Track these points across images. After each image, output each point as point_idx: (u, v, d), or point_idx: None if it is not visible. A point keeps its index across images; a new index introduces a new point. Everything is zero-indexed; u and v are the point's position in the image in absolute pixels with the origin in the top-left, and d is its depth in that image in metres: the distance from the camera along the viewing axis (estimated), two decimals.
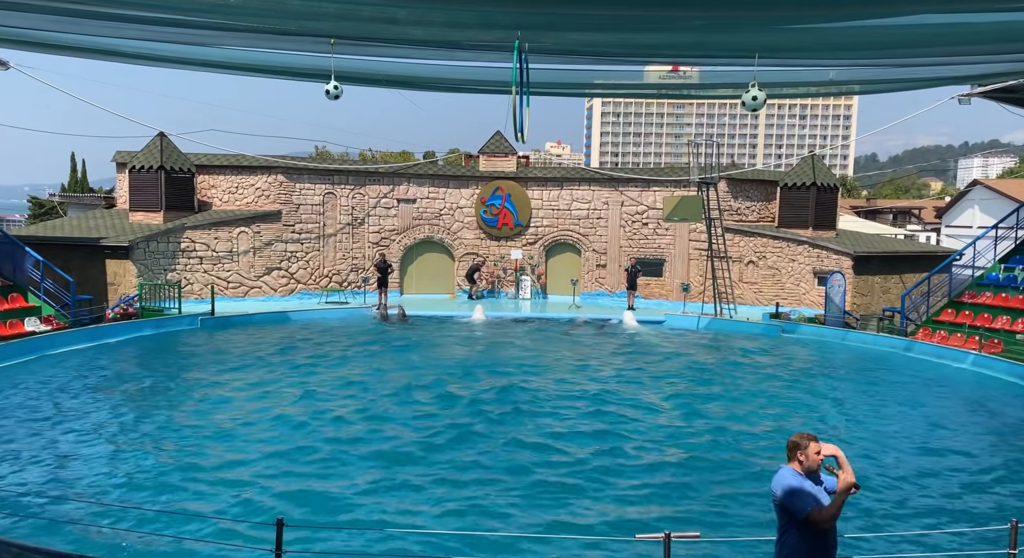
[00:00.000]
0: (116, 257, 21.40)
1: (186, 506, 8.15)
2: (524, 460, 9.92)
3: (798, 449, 4.79)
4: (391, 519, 7.90)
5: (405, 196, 25.93)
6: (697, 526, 7.52)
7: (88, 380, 13.86)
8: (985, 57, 11.95)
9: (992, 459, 10.63)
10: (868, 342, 19.80)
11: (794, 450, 4.80)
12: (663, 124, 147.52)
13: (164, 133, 23.34)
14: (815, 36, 10.15)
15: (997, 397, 14.59)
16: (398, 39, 11.04)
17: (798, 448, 4.79)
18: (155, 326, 19.06)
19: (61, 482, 8.78)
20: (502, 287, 26.45)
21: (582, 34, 10.55)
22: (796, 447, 4.79)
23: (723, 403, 13.35)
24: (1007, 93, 18.31)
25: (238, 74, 15.59)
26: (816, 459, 4.75)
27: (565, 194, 26.49)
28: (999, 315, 18.88)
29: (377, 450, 10.18)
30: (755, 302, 24.99)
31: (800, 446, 4.78)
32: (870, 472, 9.84)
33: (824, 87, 16.53)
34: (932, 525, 8.14)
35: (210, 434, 10.73)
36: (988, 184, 44.29)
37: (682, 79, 14.47)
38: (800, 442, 4.79)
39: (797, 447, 4.79)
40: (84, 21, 10.57)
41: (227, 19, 10.17)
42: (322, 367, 15.40)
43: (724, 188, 25.59)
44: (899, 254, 25.22)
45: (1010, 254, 21.21)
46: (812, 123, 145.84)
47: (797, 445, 4.79)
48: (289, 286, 24.45)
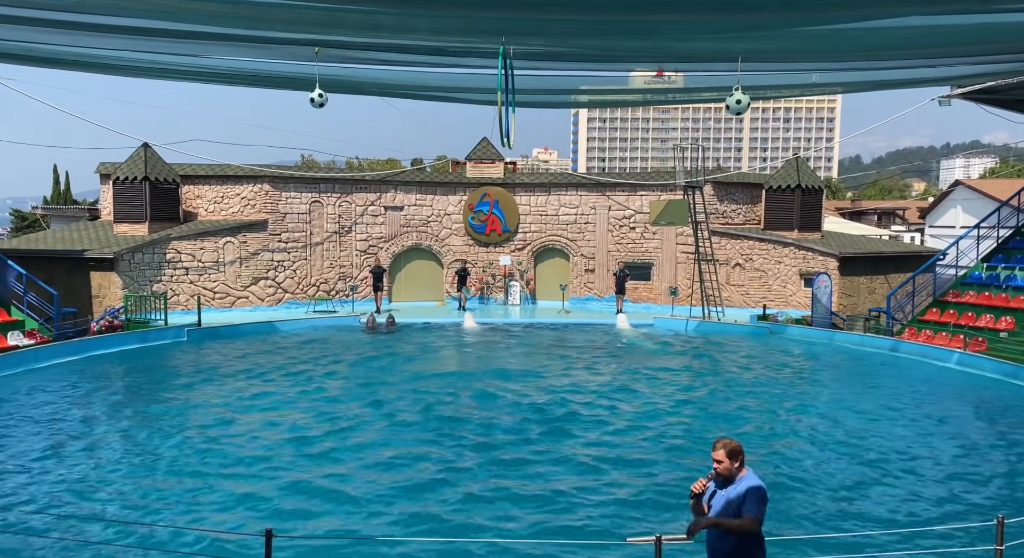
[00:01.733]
0: (101, 269, 21.22)
1: (173, 518, 8.06)
2: (510, 462, 9.91)
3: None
4: (371, 528, 7.87)
5: (392, 204, 25.89)
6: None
7: (71, 393, 13.70)
8: (964, 58, 12.11)
9: (977, 455, 10.71)
10: (855, 342, 19.94)
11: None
12: (649, 129, 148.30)
13: (148, 144, 23.19)
14: (798, 39, 10.26)
15: (981, 394, 14.72)
16: (383, 46, 11.05)
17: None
18: (141, 338, 18.89)
19: (42, 496, 8.66)
20: (491, 293, 26.43)
21: (566, 39, 10.61)
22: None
23: (717, 405, 13.38)
24: (986, 94, 18.56)
25: (223, 84, 15.56)
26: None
27: (553, 199, 26.55)
28: (983, 314, 19.08)
29: (369, 463, 10.13)
30: (742, 304, 25.11)
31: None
32: (858, 470, 9.90)
33: (808, 89, 16.70)
34: (917, 522, 8.19)
35: (196, 446, 10.63)
36: (970, 184, 44.78)
37: (667, 84, 14.57)
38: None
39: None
40: (67, 32, 10.51)
41: (212, 27, 10.15)
42: (309, 379, 15.30)
43: (710, 191, 25.74)
44: (884, 255, 25.44)
45: (992, 253, 21.45)
46: (796, 126, 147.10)
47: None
48: (276, 296, 24.33)
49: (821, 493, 9.10)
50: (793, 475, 9.73)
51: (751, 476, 4.84)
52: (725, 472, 4.84)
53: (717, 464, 4.86)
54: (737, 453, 4.84)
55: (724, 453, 4.84)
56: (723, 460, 4.83)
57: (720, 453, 4.85)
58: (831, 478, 9.64)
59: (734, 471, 4.84)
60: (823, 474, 9.79)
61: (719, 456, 4.85)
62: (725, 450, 4.84)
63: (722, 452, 4.85)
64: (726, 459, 4.83)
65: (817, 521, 8.25)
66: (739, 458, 4.84)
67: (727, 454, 4.83)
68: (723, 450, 4.85)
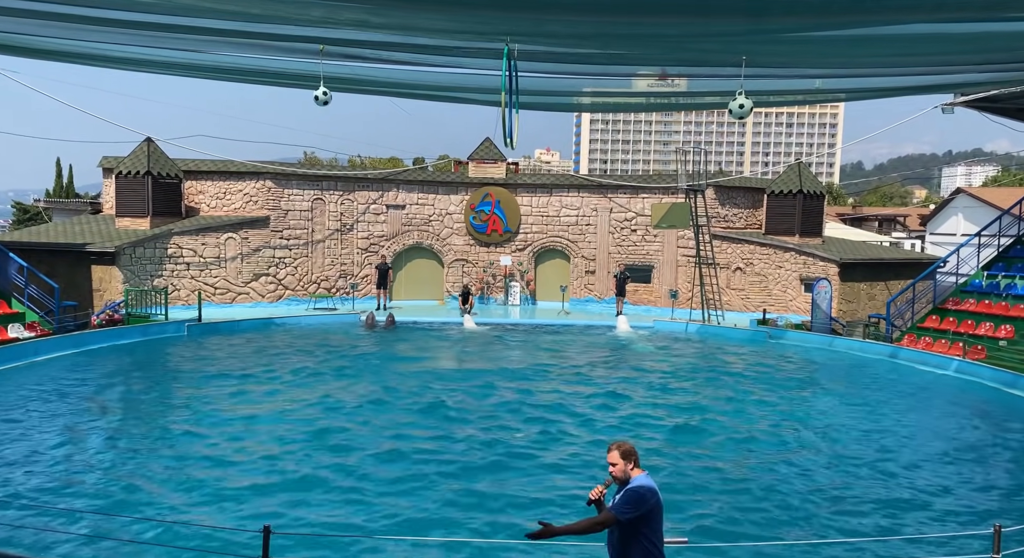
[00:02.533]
0: (102, 263, 21.24)
1: (169, 514, 8.07)
2: (509, 464, 9.92)
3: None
4: (376, 525, 7.88)
5: (394, 202, 25.91)
6: (685, 532, 7.54)
7: (70, 387, 13.72)
8: (968, 66, 12.13)
9: (974, 463, 10.72)
10: (854, 348, 19.94)
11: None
12: (651, 132, 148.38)
13: (151, 138, 23.21)
14: (801, 45, 10.28)
15: (980, 403, 14.73)
16: (388, 45, 11.07)
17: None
18: (141, 333, 18.90)
19: (42, 490, 8.67)
20: (491, 294, 26.44)
21: (570, 41, 10.62)
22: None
23: (718, 410, 13.39)
24: (989, 103, 18.57)
25: (227, 80, 15.57)
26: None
27: (554, 201, 26.57)
28: (982, 322, 19.08)
29: (365, 460, 10.14)
30: (742, 308, 25.12)
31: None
32: (853, 476, 9.91)
33: (810, 95, 16.71)
34: (913, 530, 8.20)
35: (193, 441, 10.64)
36: (971, 192, 44.81)
37: (670, 88, 14.58)
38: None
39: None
40: (72, 26, 10.52)
41: (218, 23, 10.16)
42: (308, 375, 15.32)
43: (712, 195, 25.76)
44: (884, 261, 25.46)
45: (993, 261, 21.46)
46: (799, 131, 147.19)
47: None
48: (277, 292, 24.34)
49: (815, 498, 9.10)
50: (786, 479, 9.74)
51: (641, 478, 4.75)
52: (620, 474, 4.76)
53: (612, 466, 4.77)
54: (630, 454, 4.76)
55: (618, 454, 4.75)
56: (617, 461, 4.75)
57: (614, 455, 4.77)
58: (825, 484, 9.64)
59: (628, 472, 4.76)
60: (818, 480, 9.80)
61: (613, 458, 4.77)
62: (619, 451, 4.76)
63: (616, 453, 4.76)
64: (620, 460, 4.75)
65: (810, 527, 8.26)
66: (632, 459, 4.77)
67: (621, 455, 4.75)
68: (617, 452, 4.76)
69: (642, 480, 4.73)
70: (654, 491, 4.69)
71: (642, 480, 4.73)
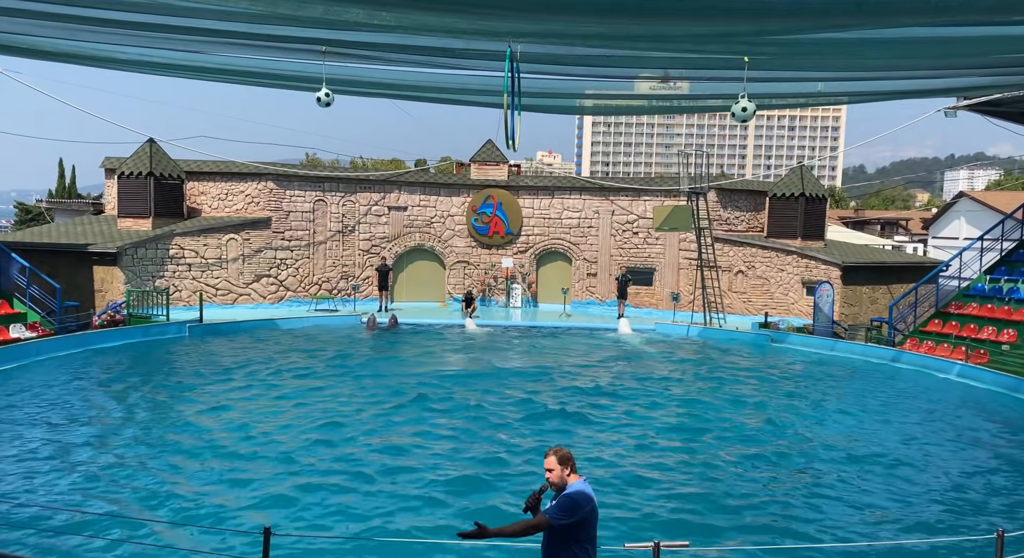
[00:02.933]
0: (104, 263, 21.25)
1: (171, 514, 8.06)
2: (510, 468, 9.89)
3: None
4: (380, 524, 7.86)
5: (396, 204, 25.92)
6: (686, 534, 7.51)
7: (70, 388, 13.71)
8: (971, 70, 12.10)
9: (977, 469, 10.68)
10: (856, 352, 19.90)
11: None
12: (653, 134, 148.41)
13: (153, 139, 23.24)
14: (804, 47, 10.25)
15: (982, 407, 14.68)
16: (390, 46, 11.06)
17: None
18: (142, 333, 18.91)
19: (44, 491, 8.67)
20: (493, 296, 26.43)
21: (573, 44, 10.61)
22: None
23: (717, 413, 13.37)
24: (992, 106, 18.55)
25: (229, 82, 15.56)
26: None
27: (556, 203, 26.56)
28: (985, 326, 19.03)
29: (366, 460, 10.13)
30: (744, 311, 25.08)
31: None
32: (853, 480, 9.87)
33: (813, 98, 16.68)
34: (917, 534, 8.17)
35: (194, 442, 10.63)
36: (974, 196, 44.76)
37: (672, 90, 14.57)
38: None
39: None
40: (75, 27, 10.53)
41: (220, 24, 10.16)
42: (309, 376, 15.31)
43: (714, 198, 25.74)
44: (887, 264, 25.41)
45: (996, 265, 21.41)
46: (801, 134, 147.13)
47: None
48: (278, 293, 24.34)
49: (818, 502, 9.08)
50: (792, 479, 9.71)
51: (577, 484, 4.73)
52: (557, 480, 4.73)
53: (548, 472, 4.74)
54: (567, 460, 4.74)
55: (555, 460, 4.73)
56: (554, 467, 4.73)
57: (551, 460, 4.74)
58: (829, 488, 9.61)
59: (565, 478, 4.74)
60: (819, 481, 9.77)
61: (550, 464, 4.74)
62: (556, 457, 4.73)
63: (552, 459, 4.74)
64: (557, 466, 4.72)
65: (816, 531, 8.23)
66: (569, 465, 4.75)
67: (558, 461, 4.72)
68: (554, 457, 4.74)
69: (578, 486, 4.71)
70: (589, 498, 4.68)
71: (578, 486, 4.71)
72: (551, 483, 4.74)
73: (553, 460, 4.73)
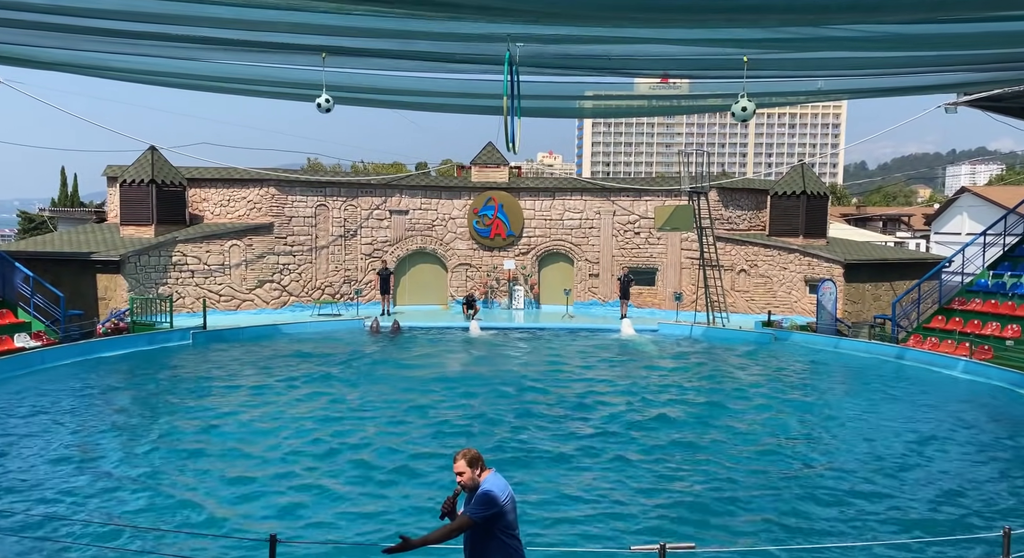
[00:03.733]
0: (107, 271, 21.30)
1: (177, 522, 8.08)
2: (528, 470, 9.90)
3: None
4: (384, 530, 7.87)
5: (397, 208, 25.95)
6: (692, 537, 7.51)
7: (75, 397, 13.74)
8: (971, 66, 12.10)
9: (983, 465, 10.67)
10: (860, 349, 19.87)
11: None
12: (654, 134, 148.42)
13: (155, 147, 23.30)
14: (803, 43, 10.25)
15: (987, 403, 14.65)
16: (390, 53, 11.09)
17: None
18: (147, 341, 18.95)
19: (47, 499, 8.69)
20: (495, 298, 26.44)
21: (572, 45, 10.62)
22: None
23: (722, 413, 13.36)
24: (992, 102, 18.54)
25: (229, 92, 15.60)
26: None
27: (557, 204, 26.57)
28: (988, 321, 18.99)
29: (375, 466, 10.14)
30: (747, 310, 25.06)
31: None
32: (860, 478, 9.86)
33: (813, 96, 16.68)
34: (922, 532, 8.16)
35: (201, 450, 10.65)
36: (976, 191, 44.63)
37: (672, 90, 14.59)
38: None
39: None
40: (75, 37, 10.57)
41: (219, 32, 10.19)
42: (314, 381, 15.32)
43: (715, 197, 25.73)
44: (889, 261, 25.38)
45: (999, 260, 21.37)
46: (801, 132, 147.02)
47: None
48: (281, 299, 24.38)
49: (823, 499, 9.07)
50: (798, 480, 9.70)
51: (490, 479, 4.77)
52: (469, 481, 4.75)
53: (459, 476, 4.76)
54: (476, 460, 4.78)
55: (464, 463, 4.75)
56: (464, 470, 4.75)
57: (460, 464, 4.76)
58: (834, 485, 9.60)
59: (477, 478, 4.77)
60: (826, 480, 9.76)
61: (459, 467, 4.77)
62: (465, 460, 4.76)
63: (462, 462, 4.76)
64: (467, 469, 4.75)
65: (821, 529, 8.22)
66: (479, 465, 4.78)
67: (467, 464, 4.75)
68: (463, 461, 4.76)
69: (491, 480, 4.76)
70: (504, 488, 4.73)
71: (491, 480, 4.76)
72: (464, 485, 4.78)
73: (463, 463, 4.76)
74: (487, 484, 4.74)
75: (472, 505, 4.69)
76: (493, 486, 4.72)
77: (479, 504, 4.66)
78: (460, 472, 4.77)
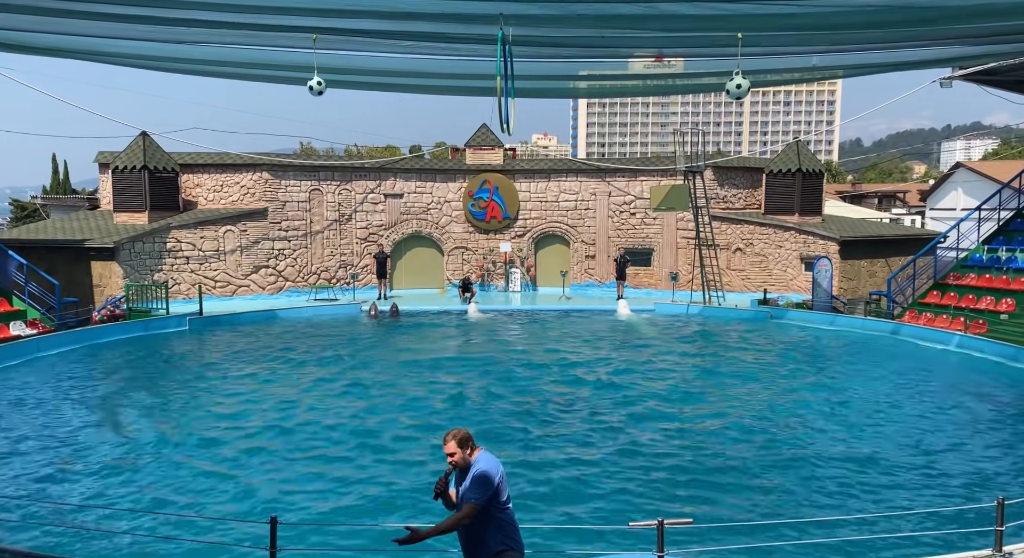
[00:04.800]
0: (101, 259, 21.23)
1: (179, 508, 8.12)
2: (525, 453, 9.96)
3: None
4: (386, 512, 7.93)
5: (392, 191, 25.85)
6: (689, 512, 7.59)
7: (73, 384, 13.76)
8: (966, 39, 12.03)
9: (977, 437, 10.77)
10: (856, 326, 19.96)
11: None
12: (648, 114, 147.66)
13: (146, 132, 23.12)
14: (797, 18, 10.17)
15: (982, 377, 14.76)
16: (381, 33, 10.98)
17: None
18: (143, 327, 18.93)
19: (48, 486, 8.73)
20: (492, 281, 26.44)
21: (565, 25, 10.53)
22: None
23: (717, 390, 13.44)
24: (988, 75, 18.44)
25: (219, 76, 15.46)
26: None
27: (553, 186, 26.49)
28: (983, 296, 19.08)
29: (376, 449, 10.19)
30: (743, 289, 25.12)
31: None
32: (856, 454, 9.95)
33: (808, 73, 16.58)
34: (917, 503, 8.25)
35: (202, 435, 10.69)
36: (971, 166, 44.63)
37: (667, 69, 14.48)
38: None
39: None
40: (65, 21, 10.44)
41: (210, 14, 10.08)
42: (312, 365, 15.35)
43: (710, 176, 25.68)
44: (885, 238, 25.42)
45: (993, 235, 21.43)
46: (796, 109, 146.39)
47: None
48: (277, 284, 24.35)
49: (819, 473, 9.15)
50: (793, 455, 9.78)
51: (480, 458, 4.79)
52: (460, 462, 4.77)
53: (451, 456, 4.78)
54: (466, 441, 4.80)
55: (455, 444, 4.77)
56: (455, 451, 4.77)
57: (451, 445, 4.77)
58: (829, 461, 9.68)
59: (468, 458, 4.79)
60: (822, 455, 9.84)
61: (450, 448, 4.77)
62: (455, 441, 4.77)
63: (452, 443, 4.77)
64: (458, 449, 4.77)
65: (814, 501, 8.30)
66: (468, 445, 4.80)
67: (458, 444, 4.77)
68: (453, 441, 4.77)
69: (483, 459, 4.78)
70: (497, 465, 4.77)
71: (483, 459, 4.78)
72: (455, 465, 4.79)
73: (453, 444, 4.78)
74: (480, 464, 4.74)
75: (470, 489, 4.69)
76: (486, 465, 4.72)
77: (478, 487, 4.66)
78: (451, 453, 4.77)
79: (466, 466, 4.78)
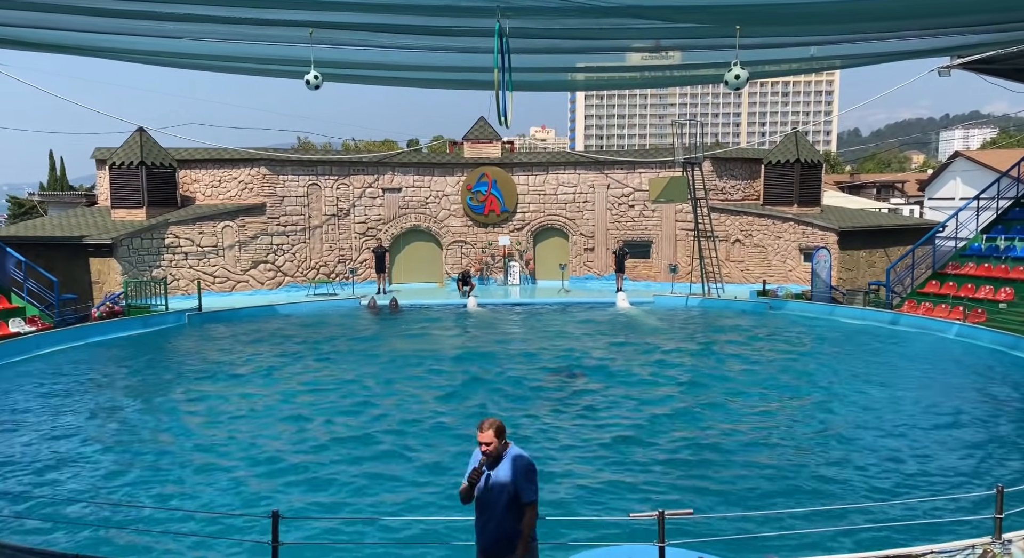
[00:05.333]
0: (100, 255, 21.20)
1: (181, 502, 8.14)
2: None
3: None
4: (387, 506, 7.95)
5: (390, 185, 25.81)
6: (690, 503, 7.61)
7: (73, 381, 13.76)
8: (964, 28, 11.99)
9: (978, 426, 10.79)
10: (855, 316, 19.99)
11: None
12: (647, 106, 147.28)
13: (143, 128, 23.06)
14: (796, 9, 10.14)
15: (982, 365, 14.78)
16: (378, 26, 10.94)
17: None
18: (142, 324, 18.91)
19: (53, 481, 8.74)
20: (491, 274, 26.44)
21: (563, 16, 10.49)
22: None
23: (717, 381, 13.46)
24: (986, 64, 18.41)
25: (215, 70, 15.40)
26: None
27: (551, 179, 26.46)
28: (982, 285, 19.10)
29: (377, 443, 10.21)
30: (742, 280, 25.13)
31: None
32: (857, 441, 9.98)
33: (806, 63, 16.54)
34: (917, 491, 8.27)
35: (201, 430, 10.70)
36: (969, 155, 44.59)
37: (665, 60, 14.42)
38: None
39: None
40: (62, 17, 10.39)
41: (206, 9, 10.04)
42: (311, 360, 15.36)
43: (709, 168, 25.65)
44: (883, 228, 25.42)
45: (992, 224, 21.43)
46: (795, 100, 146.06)
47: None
48: (276, 279, 24.34)
49: (817, 462, 9.18)
50: (790, 444, 9.81)
51: (514, 449, 4.79)
52: (494, 451, 4.74)
53: (487, 445, 4.73)
54: (502, 430, 4.78)
55: (492, 433, 4.72)
56: (492, 440, 4.72)
57: (488, 434, 4.72)
58: (829, 450, 9.71)
59: (501, 449, 4.77)
60: (821, 444, 9.87)
61: (487, 437, 4.72)
62: (492, 430, 4.73)
63: (490, 432, 4.72)
64: (495, 439, 4.73)
65: (816, 493, 8.33)
66: (503, 435, 4.79)
67: (495, 433, 4.73)
68: (491, 430, 4.72)
69: (517, 450, 4.81)
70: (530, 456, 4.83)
71: (517, 450, 4.81)
72: (488, 455, 4.76)
73: (491, 433, 4.73)
74: (519, 455, 4.72)
75: (525, 485, 4.68)
76: (528, 456, 4.74)
77: (531, 482, 4.69)
78: (488, 442, 4.72)
79: (499, 456, 4.75)
